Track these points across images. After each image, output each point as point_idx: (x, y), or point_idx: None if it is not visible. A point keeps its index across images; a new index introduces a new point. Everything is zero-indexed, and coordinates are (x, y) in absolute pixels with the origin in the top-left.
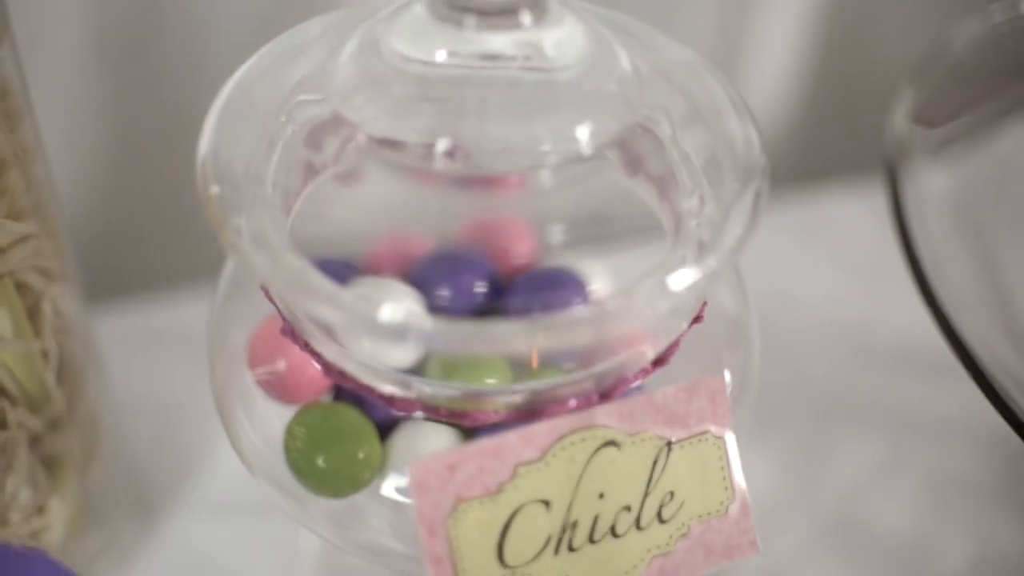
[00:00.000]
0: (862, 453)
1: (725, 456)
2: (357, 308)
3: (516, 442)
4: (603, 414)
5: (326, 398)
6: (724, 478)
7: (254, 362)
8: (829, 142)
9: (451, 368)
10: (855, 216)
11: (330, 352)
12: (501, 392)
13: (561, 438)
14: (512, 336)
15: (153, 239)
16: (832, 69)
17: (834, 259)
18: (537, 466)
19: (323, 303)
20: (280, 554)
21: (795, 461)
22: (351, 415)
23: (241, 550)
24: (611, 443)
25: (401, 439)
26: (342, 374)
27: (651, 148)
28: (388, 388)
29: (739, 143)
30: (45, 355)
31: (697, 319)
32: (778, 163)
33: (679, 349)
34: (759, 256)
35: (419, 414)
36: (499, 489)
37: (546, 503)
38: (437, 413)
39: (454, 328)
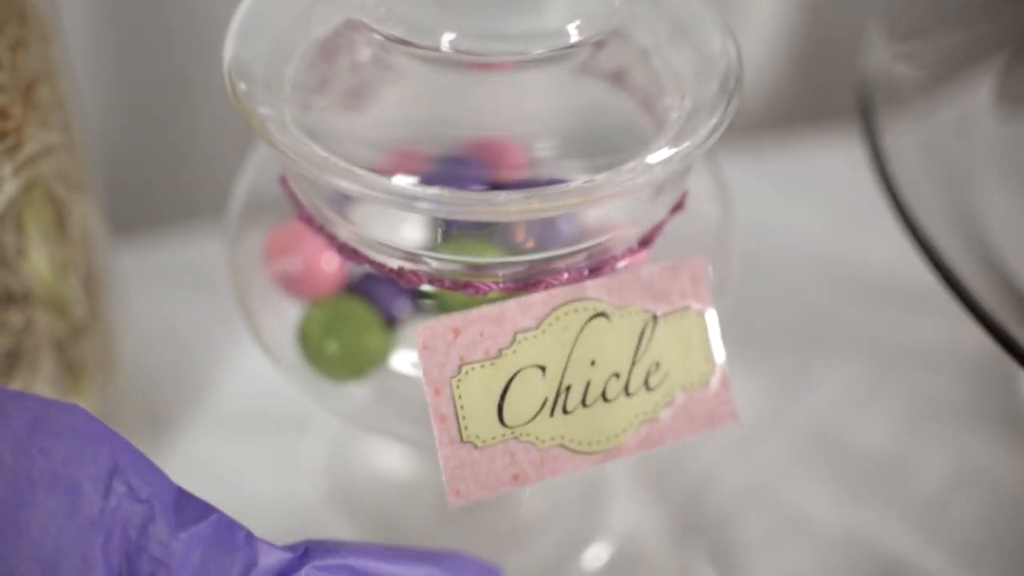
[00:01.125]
0: (843, 376)
1: (706, 332)
2: (372, 179)
3: (514, 311)
4: (593, 287)
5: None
6: (706, 352)
7: (271, 261)
8: (813, 90)
9: (455, 248)
10: (837, 162)
11: (344, 234)
12: (501, 265)
13: (555, 308)
14: (510, 202)
15: (158, 180)
16: (816, 18)
17: (817, 203)
18: (534, 334)
19: (341, 176)
20: (286, 469)
21: (779, 383)
22: (360, 307)
23: (249, 466)
24: (601, 314)
25: (408, 328)
26: (356, 253)
27: (637, 57)
28: (397, 263)
29: (718, 55)
30: (71, 264)
31: (679, 207)
32: (762, 111)
33: (662, 236)
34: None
35: (426, 286)
36: (499, 353)
37: (542, 368)
38: (442, 284)
39: (458, 196)
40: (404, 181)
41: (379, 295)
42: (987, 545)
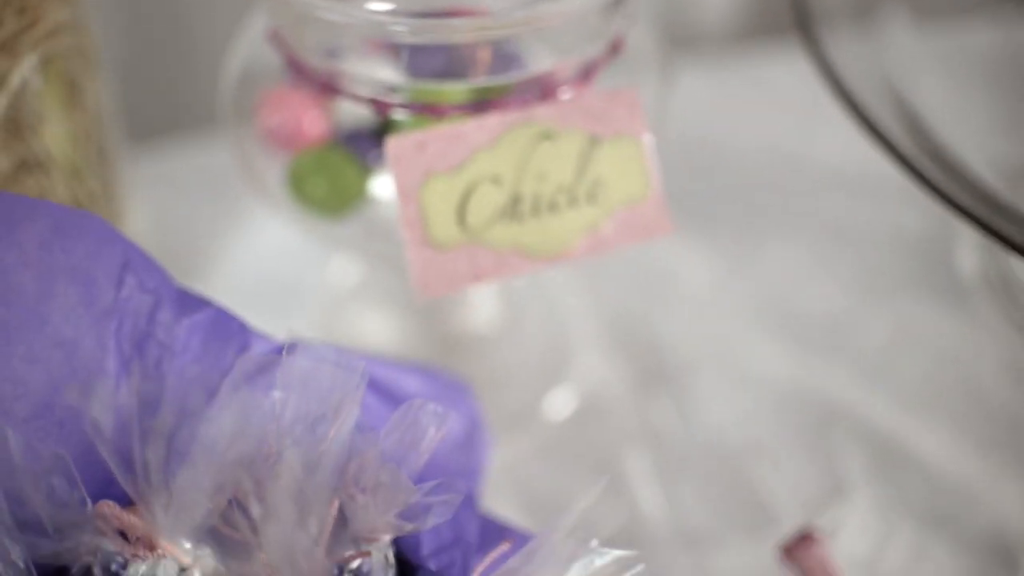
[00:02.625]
0: (792, 252)
1: (642, 155)
2: (349, 6)
3: (472, 130)
4: (541, 111)
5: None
6: (643, 172)
7: (263, 119)
8: (767, 7)
9: (421, 82)
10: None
11: (326, 72)
12: (461, 90)
13: (508, 128)
14: (467, 25)
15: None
16: None
17: (768, 107)
18: (489, 150)
19: (324, 9)
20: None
21: (734, 257)
22: (341, 154)
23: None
24: (548, 135)
25: (383, 173)
26: (338, 88)
27: None
28: (371, 93)
29: None
30: (85, 135)
31: (617, 48)
32: (721, 27)
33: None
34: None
35: (398, 110)
36: (459, 166)
37: (497, 180)
38: (411, 107)
39: (425, 21)
40: (378, 7)
41: (357, 147)
42: (926, 396)
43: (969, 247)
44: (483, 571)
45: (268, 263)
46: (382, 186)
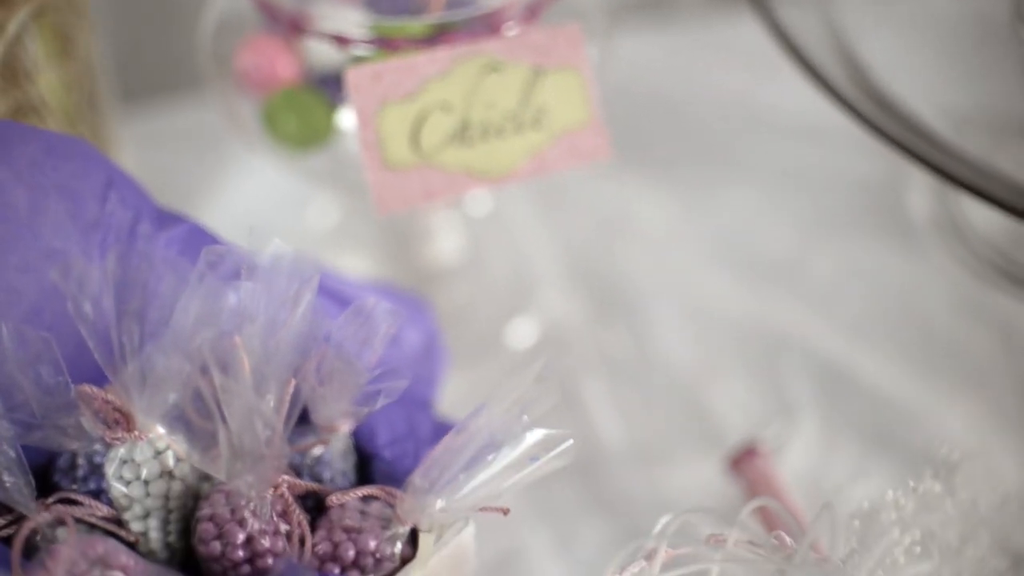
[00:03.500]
0: (744, 194)
1: (584, 85)
2: None
3: (425, 61)
4: (489, 45)
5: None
6: (584, 101)
7: (240, 63)
8: None
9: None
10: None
11: (297, 13)
12: (417, 26)
13: (458, 60)
14: None
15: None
16: None
17: (720, 62)
18: (441, 80)
19: None
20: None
21: (688, 199)
22: (311, 93)
23: None
24: (496, 67)
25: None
26: (306, 28)
27: None
28: (337, 31)
29: None
30: (77, 83)
31: None
32: None
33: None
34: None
35: (360, 45)
36: (413, 95)
37: (447, 108)
38: (371, 43)
39: None
40: None
41: (327, 88)
42: (872, 326)
43: (918, 191)
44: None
45: (250, 215)
46: (346, 120)
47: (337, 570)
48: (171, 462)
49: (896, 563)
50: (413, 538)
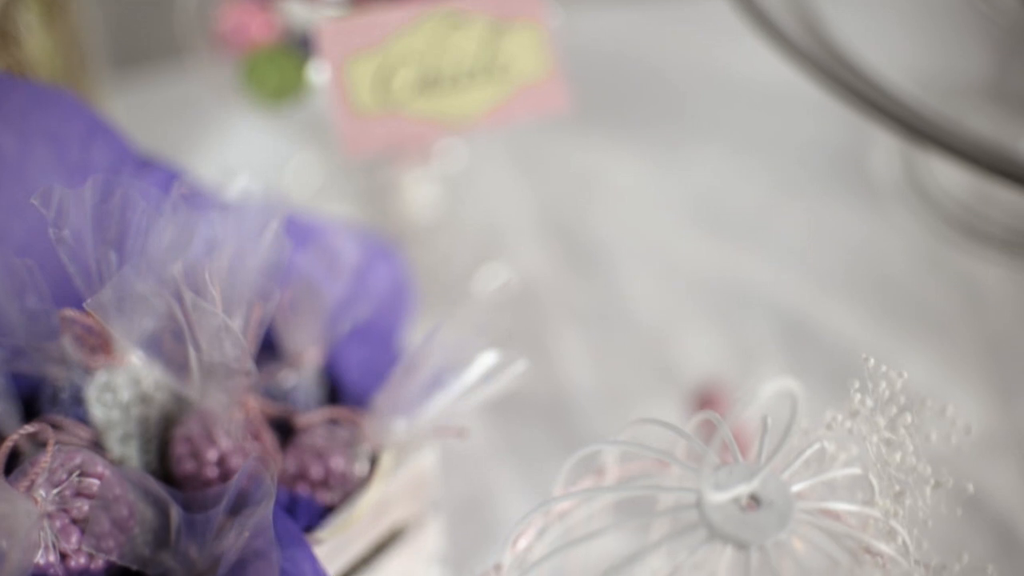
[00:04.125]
0: (713, 157)
1: (544, 39)
2: None
3: (392, 16)
4: (453, 0)
5: None
6: (544, 55)
7: (222, 26)
8: None
9: None
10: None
11: None
12: None
13: (423, 14)
14: None
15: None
16: None
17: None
18: (407, 33)
19: None
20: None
21: (660, 163)
22: (287, 51)
23: None
24: (459, 21)
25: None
26: None
27: None
28: None
29: None
30: (66, 47)
31: None
32: None
33: None
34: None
35: (331, 2)
36: (381, 47)
37: (413, 60)
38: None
39: None
40: None
41: (303, 47)
42: (834, 280)
43: (882, 153)
44: None
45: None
46: (318, 73)
47: (305, 488)
48: (149, 387)
49: (820, 467)
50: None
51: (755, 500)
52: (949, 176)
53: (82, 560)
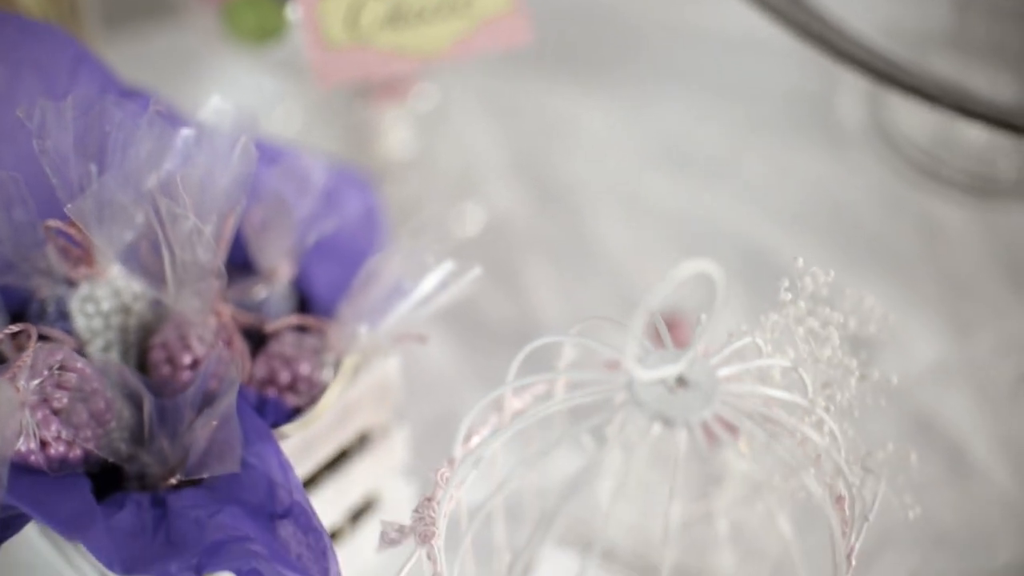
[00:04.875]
0: (683, 100)
1: None
2: None
3: None
4: None
5: None
6: None
7: None
8: None
9: None
10: None
11: None
12: None
13: None
14: None
15: None
16: None
17: None
18: None
19: None
20: None
21: (629, 106)
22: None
23: None
24: None
25: None
26: None
27: None
28: None
29: None
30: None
31: None
32: None
33: None
34: None
35: None
36: None
37: None
38: None
39: None
40: None
41: None
42: (798, 219)
43: (848, 98)
44: None
45: None
46: (294, 12)
47: (274, 392)
48: (128, 299)
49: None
50: None
51: (683, 382)
52: (913, 121)
53: (61, 448)
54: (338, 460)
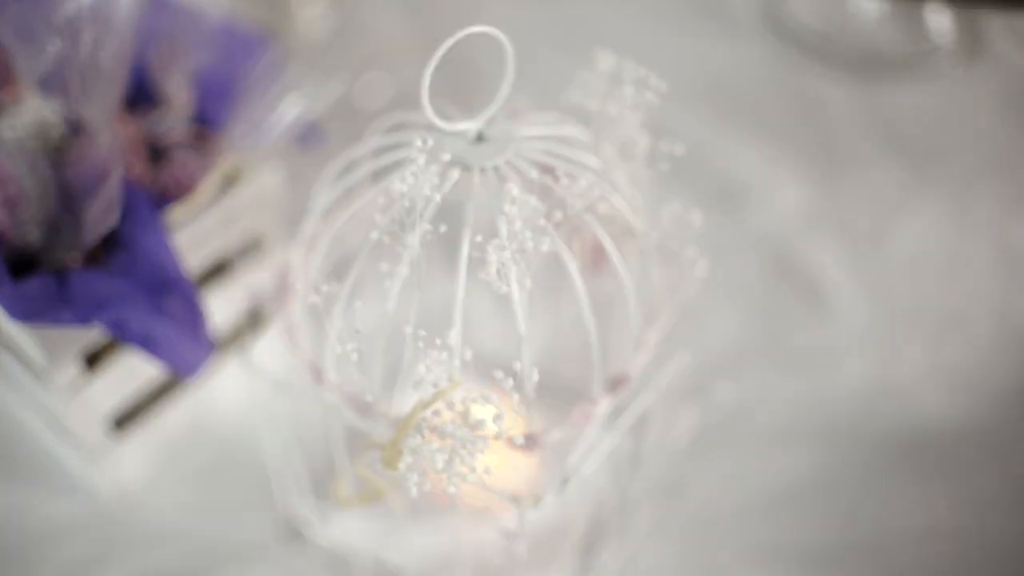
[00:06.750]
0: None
1: None
2: None
3: None
4: None
5: None
6: None
7: None
8: None
9: None
10: None
11: None
12: None
13: None
14: None
15: None
16: None
17: None
18: None
19: None
20: None
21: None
22: None
23: None
24: None
25: None
26: None
27: None
28: None
29: None
30: None
31: None
32: None
33: None
34: None
35: None
36: None
37: None
38: None
39: None
40: None
41: None
42: (696, 96)
43: None
44: None
45: None
46: None
47: (168, 193)
48: (48, 120)
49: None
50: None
51: (481, 138)
52: (803, 8)
53: None
54: (229, 261)
